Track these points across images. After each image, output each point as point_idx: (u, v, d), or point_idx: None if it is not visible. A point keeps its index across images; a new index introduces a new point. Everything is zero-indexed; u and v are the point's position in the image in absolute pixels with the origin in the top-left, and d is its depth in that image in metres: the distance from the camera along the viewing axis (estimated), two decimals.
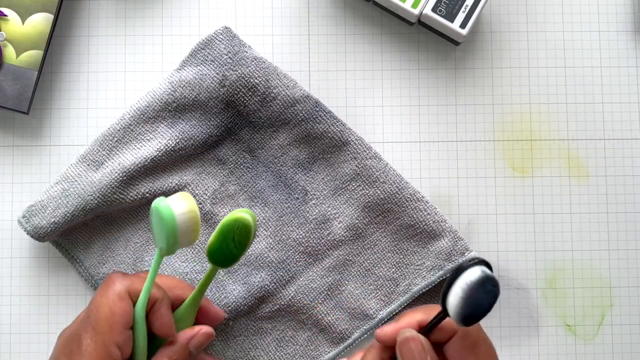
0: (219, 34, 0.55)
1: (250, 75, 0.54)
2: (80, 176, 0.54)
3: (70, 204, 0.53)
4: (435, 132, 0.58)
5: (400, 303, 0.56)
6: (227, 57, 0.54)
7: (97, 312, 0.46)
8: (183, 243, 0.47)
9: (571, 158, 0.58)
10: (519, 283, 0.57)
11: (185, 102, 0.55)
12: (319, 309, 0.56)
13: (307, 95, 0.55)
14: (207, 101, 0.55)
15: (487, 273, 0.41)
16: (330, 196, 0.56)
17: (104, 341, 0.46)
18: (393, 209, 0.55)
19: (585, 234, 0.58)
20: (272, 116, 0.55)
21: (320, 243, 0.56)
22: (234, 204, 0.56)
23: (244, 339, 0.56)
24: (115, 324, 0.46)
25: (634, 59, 0.59)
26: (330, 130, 0.55)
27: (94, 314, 0.46)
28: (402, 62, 0.58)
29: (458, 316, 0.42)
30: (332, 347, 0.56)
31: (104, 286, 0.48)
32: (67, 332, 0.48)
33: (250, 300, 0.55)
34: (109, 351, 0.46)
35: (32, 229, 0.54)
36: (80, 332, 0.46)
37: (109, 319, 0.46)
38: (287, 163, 0.56)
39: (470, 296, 0.41)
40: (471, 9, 0.54)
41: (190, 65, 0.55)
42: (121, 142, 0.55)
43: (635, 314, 0.57)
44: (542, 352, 0.57)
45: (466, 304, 0.41)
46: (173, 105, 0.55)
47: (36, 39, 0.56)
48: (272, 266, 0.55)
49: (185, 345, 0.49)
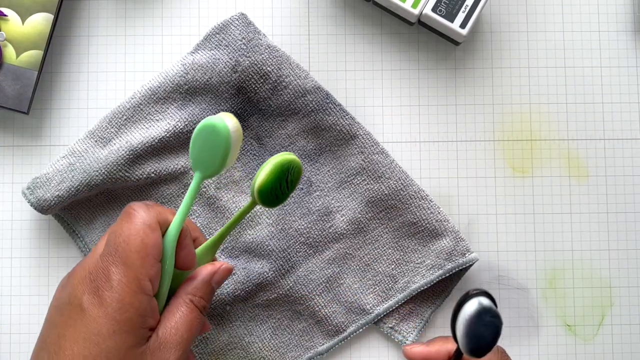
0: (235, 20, 0.55)
1: (263, 63, 0.55)
2: (87, 151, 0.54)
3: (75, 179, 0.54)
4: (435, 132, 0.58)
5: (397, 300, 0.56)
6: (241, 43, 0.55)
7: (126, 245, 0.43)
8: (230, 162, 0.46)
9: (571, 158, 0.58)
10: (519, 283, 0.57)
11: (197, 85, 0.55)
12: (316, 300, 0.56)
13: (319, 86, 0.55)
14: (218, 85, 0.55)
15: (484, 305, 0.41)
16: (334, 189, 0.56)
17: (136, 275, 0.43)
18: (396, 205, 0.56)
19: (585, 234, 0.58)
20: (282, 105, 0.56)
21: (321, 235, 0.56)
22: (238, 190, 0.56)
23: (239, 325, 0.56)
24: (148, 257, 0.43)
25: (634, 59, 0.59)
26: (339, 122, 0.56)
27: (123, 246, 0.43)
28: (402, 62, 0.58)
29: (466, 351, 0.42)
30: (327, 340, 0.56)
31: (127, 217, 0.44)
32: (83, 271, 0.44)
33: (248, 286, 0.55)
34: (141, 285, 0.43)
35: (35, 200, 0.54)
36: (106, 267, 0.43)
37: (140, 251, 0.43)
38: (294, 153, 0.56)
39: (470, 330, 0.41)
40: (471, 9, 0.54)
41: (204, 49, 0.55)
42: (130, 121, 0.55)
43: (635, 314, 0.57)
44: (542, 352, 0.57)
45: (468, 338, 0.41)
46: (184, 87, 0.55)
47: (36, 39, 0.55)
48: (272, 255, 0.56)
49: (207, 280, 0.46)
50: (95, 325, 0.42)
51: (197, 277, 0.46)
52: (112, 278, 0.43)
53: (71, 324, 0.43)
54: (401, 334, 0.56)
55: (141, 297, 0.43)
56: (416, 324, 0.56)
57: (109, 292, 0.42)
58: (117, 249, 0.43)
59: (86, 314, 0.42)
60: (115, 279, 0.43)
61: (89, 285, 0.43)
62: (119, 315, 0.42)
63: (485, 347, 0.41)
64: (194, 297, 0.46)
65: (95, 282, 0.43)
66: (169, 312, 0.45)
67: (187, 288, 0.46)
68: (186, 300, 0.45)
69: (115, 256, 0.43)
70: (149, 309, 0.43)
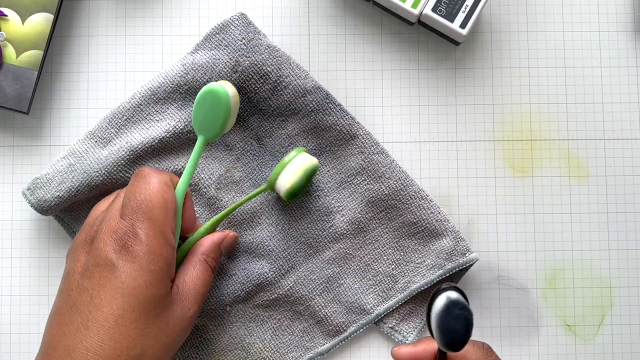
0: (235, 20, 0.55)
1: (262, 63, 0.55)
2: (87, 152, 0.54)
3: (76, 179, 0.54)
4: (435, 132, 0.58)
5: (398, 300, 0.56)
6: (241, 44, 0.55)
7: (149, 202, 0.47)
8: (229, 126, 0.52)
9: (571, 158, 0.58)
10: (519, 283, 0.57)
11: (197, 85, 0.55)
12: (316, 300, 0.56)
13: (319, 86, 0.56)
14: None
15: (452, 298, 0.41)
16: (334, 189, 0.56)
17: (162, 229, 0.47)
18: (397, 205, 0.56)
19: (585, 234, 0.58)
20: (282, 105, 0.56)
21: (321, 235, 0.56)
22: (239, 190, 0.56)
23: (240, 325, 0.56)
24: (169, 211, 0.47)
25: (634, 59, 0.59)
26: (339, 122, 0.56)
27: (146, 203, 0.47)
28: (402, 62, 0.58)
29: (443, 346, 0.42)
30: (328, 340, 0.56)
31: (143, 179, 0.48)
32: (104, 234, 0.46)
33: (248, 287, 0.55)
34: (166, 237, 0.47)
35: (36, 201, 0.54)
36: (131, 225, 0.46)
37: (163, 206, 0.47)
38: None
39: (442, 324, 0.41)
40: (471, 9, 0.54)
41: (204, 49, 0.55)
42: (130, 121, 0.55)
43: (635, 314, 0.57)
44: (542, 352, 0.57)
45: (441, 332, 0.41)
46: (184, 87, 0.55)
47: (36, 39, 0.56)
48: (272, 255, 0.56)
49: (218, 244, 0.51)
50: (131, 279, 0.45)
51: (209, 240, 0.51)
52: (140, 233, 0.46)
53: (105, 283, 0.45)
54: (401, 334, 0.56)
55: (167, 249, 0.47)
56: (416, 324, 0.56)
57: (139, 246, 0.46)
58: (139, 206, 0.47)
59: (119, 270, 0.45)
60: (143, 234, 0.46)
61: (116, 243, 0.46)
62: (152, 266, 0.45)
63: (459, 340, 0.41)
64: (207, 257, 0.50)
65: (123, 240, 0.46)
66: (186, 268, 0.49)
67: (200, 249, 0.51)
68: (201, 259, 0.50)
69: (139, 213, 0.46)
70: (174, 260, 0.48)
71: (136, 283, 0.45)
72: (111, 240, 0.46)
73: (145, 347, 0.45)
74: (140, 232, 0.46)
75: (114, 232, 0.46)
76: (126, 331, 0.44)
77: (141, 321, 0.45)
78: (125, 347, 0.44)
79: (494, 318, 0.57)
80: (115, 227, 0.46)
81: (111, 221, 0.47)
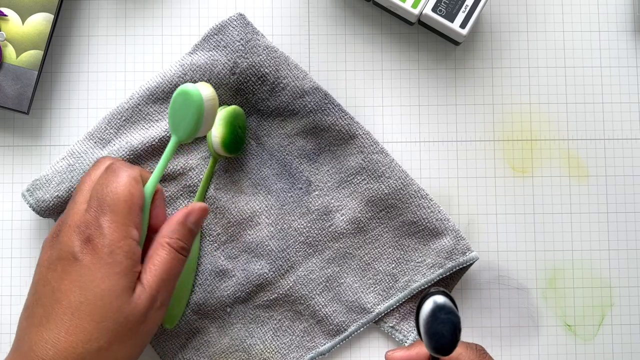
0: (233, 20, 0.55)
1: (260, 64, 0.55)
2: (86, 153, 0.55)
3: (75, 180, 0.54)
4: (435, 132, 0.58)
5: (398, 299, 0.56)
6: (239, 44, 0.55)
7: (114, 195, 0.46)
8: (204, 129, 0.49)
9: (571, 158, 0.58)
10: (519, 283, 0.57)
11: None
12: (316, 300, 0.56)
13: (317, 87, 0.55)
14: (216, 87, 0.55)
15: (438, 303, 0.41)
16: (334, 188, 0.56)
17: (124, 221, 0.46)
18: (396, 204, 0.56)
19: (585, 234, 0.58)
20: (281, 106, 0.56)
21: (321, 234, 0.56)
22: (237, 190, 0.56)
23: (240, 327, 0.56)
24: (134, 206, 0.46)
25: (634, 59, 0.59)
26: (338, 122, 0.56)
27: (112, 196, 0.46)
28: (402, 62, 0.58)
29: (432, 350, 0.42)
30: (328, 339, 0.56)
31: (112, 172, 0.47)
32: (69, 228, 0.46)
33: (248, 288, 0.55)
34: (129, 231, 0.46)
35: (35, 202, 0.54)
36: (95, 217, 0.46)
37: (128, 200, 0.46)
38: (293, 152, 0.56)
39: (429, 329, 0.41)
40: (471, 9, 0.54)
41: (203, 50, 0.55)
42: (129, 122, 0.55)
43: (635, 314, 0.57)
44: (542, 352, 0.57)
45: (429, 337, 0.41)
46: None
47: (36, 39, 0.56)
48: (272, 255, 0.56)
49: (182, 221, 0.48)
50: (89, 272, 0.45)
51: (170, 220, 0.48)
52: (103, 226, 0.45)
53: (65, 277, 0.45)
54: (402, 333, 0.56)
55: (129, 242, 0.46)
56: None
57: (101, 239, 0.45)
58: (105, 199, 0.46)
59: (79, 263, 0.45)
60: (106, 226, 0.45)
61: (79, 237, 0.46)
62: (110, 259, 0.45)
63: (446, 344, 0.41)
64: (170, 240, 0.48)
65: (86, 233, 0.45)
66: (149, 256, 0.48)
67: (162, 232, 0.48)
68: (163, 243, 0.48)
69: (104, 206, 0.46)
70: (137, 254, 0.46)
71: (94, 276, 0.45)
72: (74, 234, 0.46)
73: (102, 341, 0.45)
74: (104, 224, 0.45)
75: (78, 225, 0.46)
76: (82, 324, 0.44)
77: (98, 314, 0.45)
78: (81, 339, 0.44)
79: (494, 318, 0.57)
80: (79, 221, 0.46)
81: (75, 215, 0.47)
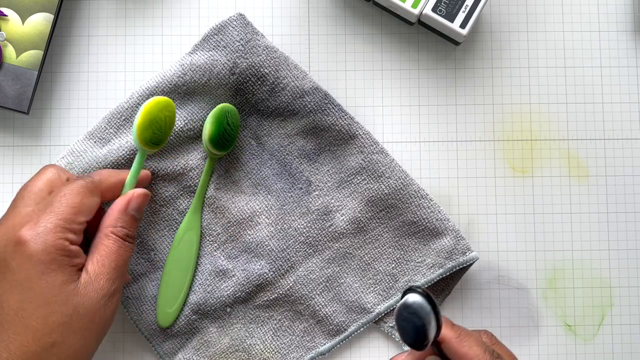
0: (233, 20, 0.55)
1: (260, 65, 0.55)
2: (86, 152, 0.54)
3: None
4: (435, 132, 0.58)
5: (398, 299, 0.56)
6: (239, 45, 0.55)
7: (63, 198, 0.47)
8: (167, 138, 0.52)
9: (571, 158, 0.58)
10: (519, 283, 0.57)
11: (195, 86, 0.55)
12: (316, 300, 0.56)
13: (317, 87, 0.55)
14: (216, 87, 0.55)
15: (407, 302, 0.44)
16: (334, 188, 0.56)
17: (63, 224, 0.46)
18: (397, 204, 0.56)
19: (585, 234, 0.58)
20: (281, 106, 0.56)
21: (321, 234, 0.56)
22: (238, 189, 0.56)
23: (240, 327, 0.56)
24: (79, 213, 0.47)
25: (634, 59, 0.59)
26: (338, 123, 0.56)
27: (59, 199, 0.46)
28: (402, 62, 0.58)
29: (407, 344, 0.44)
30: (328, 339, 0.56)
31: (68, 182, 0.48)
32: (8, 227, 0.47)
33: (248, 288, 0.55)
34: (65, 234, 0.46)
35: None
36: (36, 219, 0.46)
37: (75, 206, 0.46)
38: (293, 152, 0.56)
39: (399, 327, 0.44)
40: (471, 9, 0.54)
41: (202, 50, 0.55)
42: (129, 121, 0.55)
43: (635, 314, 0.57)
44: (542, 352, 0.57)
45: (401, 335, 0.44)
46: (182, 88, 0.55)
47: (36, 39, 0.56)
48: (272, 255, 0.56)
49: (123, 209, 0.49)
50: (24, 272, 0.45)
51: (111, 210, 0.49)
52: (39, 225, 0.46)
53: (1, 279, 0.46)
54: None
55: (63, 242, 0.46)
56: None
57: (33, 239, 0.45)
58: (52, 203, 0.46)
59: (13, 264, 0.45)
60: (42, 226, 0.45)
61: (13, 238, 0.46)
62: (43, 257, 0.45)
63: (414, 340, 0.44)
64: (114, 228, 0.48)
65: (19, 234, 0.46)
66: (94, 247, 0.48)
67: (106, 222, 0.49)
68: (107, 232, 0.48)
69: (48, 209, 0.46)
70: (73, 251, 0.46)
71: (29, 275, 0.45)
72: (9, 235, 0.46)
73: (55, 335, 0.45)
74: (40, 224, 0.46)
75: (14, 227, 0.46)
76: (28, 323, 0.45)
77: (42, 311, 0.45)
78: (30, 338, 0.44)
79: (494, 318, 0.57)
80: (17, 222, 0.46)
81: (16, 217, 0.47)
